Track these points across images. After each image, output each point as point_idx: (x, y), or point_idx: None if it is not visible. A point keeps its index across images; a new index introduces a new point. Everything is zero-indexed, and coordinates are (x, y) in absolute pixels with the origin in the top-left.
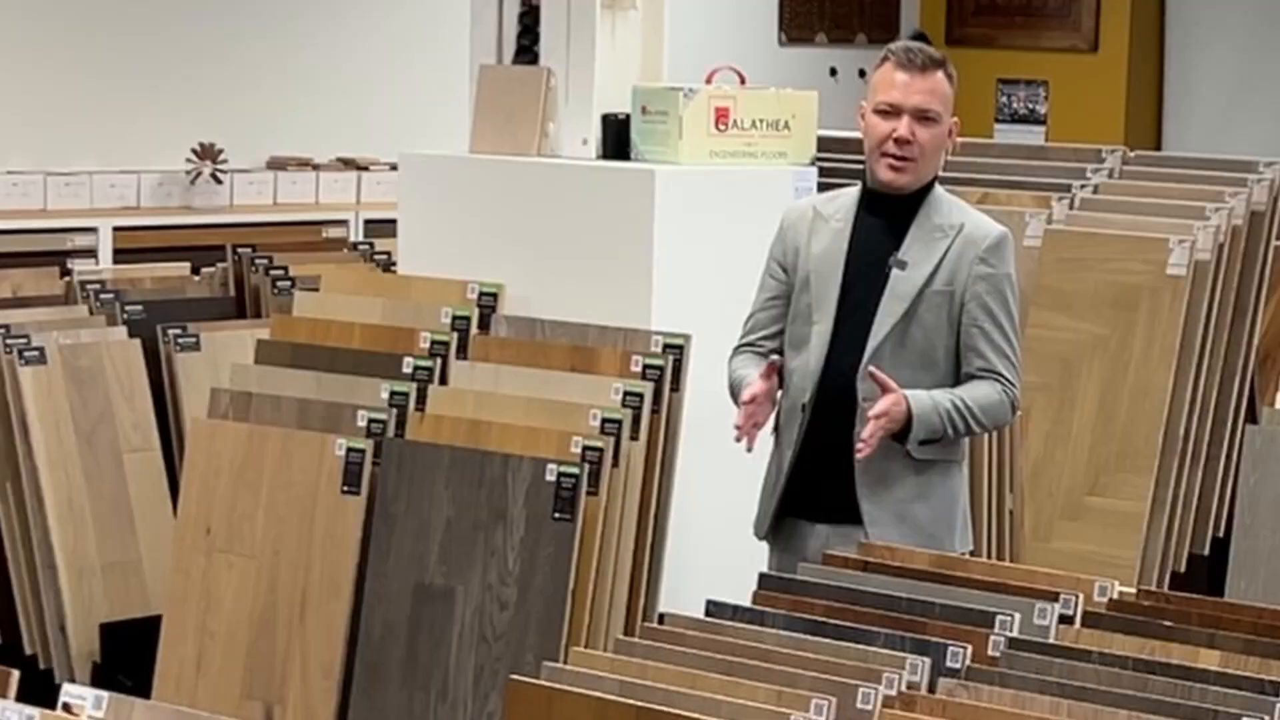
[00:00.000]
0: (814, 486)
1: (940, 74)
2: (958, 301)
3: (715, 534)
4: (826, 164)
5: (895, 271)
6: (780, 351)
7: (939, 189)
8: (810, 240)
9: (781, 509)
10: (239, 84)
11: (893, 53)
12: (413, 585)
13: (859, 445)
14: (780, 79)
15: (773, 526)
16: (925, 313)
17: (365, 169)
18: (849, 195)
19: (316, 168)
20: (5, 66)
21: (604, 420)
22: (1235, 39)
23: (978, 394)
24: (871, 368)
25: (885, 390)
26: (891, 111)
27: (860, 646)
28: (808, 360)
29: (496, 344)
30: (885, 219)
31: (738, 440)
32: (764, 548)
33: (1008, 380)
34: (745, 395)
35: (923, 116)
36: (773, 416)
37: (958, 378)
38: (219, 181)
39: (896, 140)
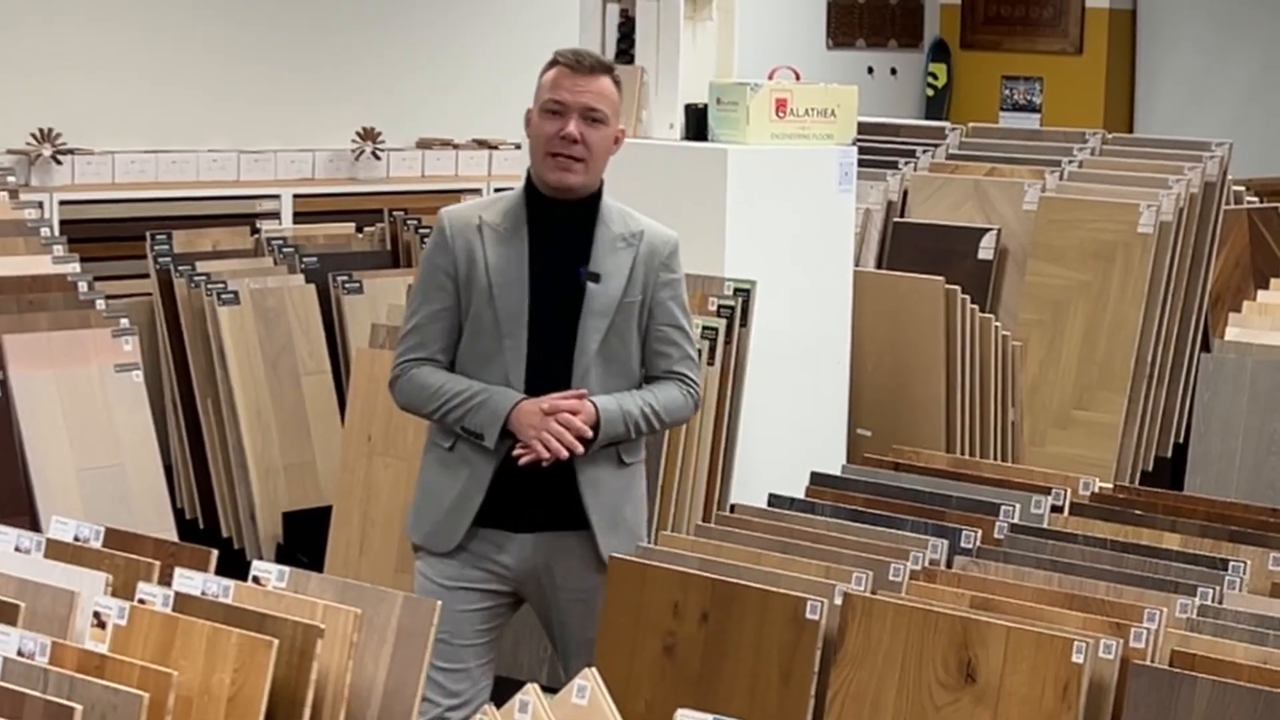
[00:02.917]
0: (521, 499)
1: (608, 78)
2: (646, 309)
3: (776, 440)
4: (864, 144)
5: (590, 285)
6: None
7: (607, 197)
8: (485, 250)
9: (478, 522)
10: (395, 79)
11: (561, 56)
12: None
13: (524, 453)
14: (827, 76)
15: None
16: (622, 324)
17: (496, 148)
18: (511, 201)
19: (456, 147)
20: (206, 66)
21: None
22: (1194, 43)
23: (664, 397)
24: (583, 390)
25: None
26: (559, 111)
27: (892, 530)
28: (504, 377)
29: None
30: (563, 228)
31: (529, 462)
32: (821, 445)
33: (691, 380)
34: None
35: (590, 117)
36: (434, 429)
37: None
38: (378, 158)
39: (564, 138)
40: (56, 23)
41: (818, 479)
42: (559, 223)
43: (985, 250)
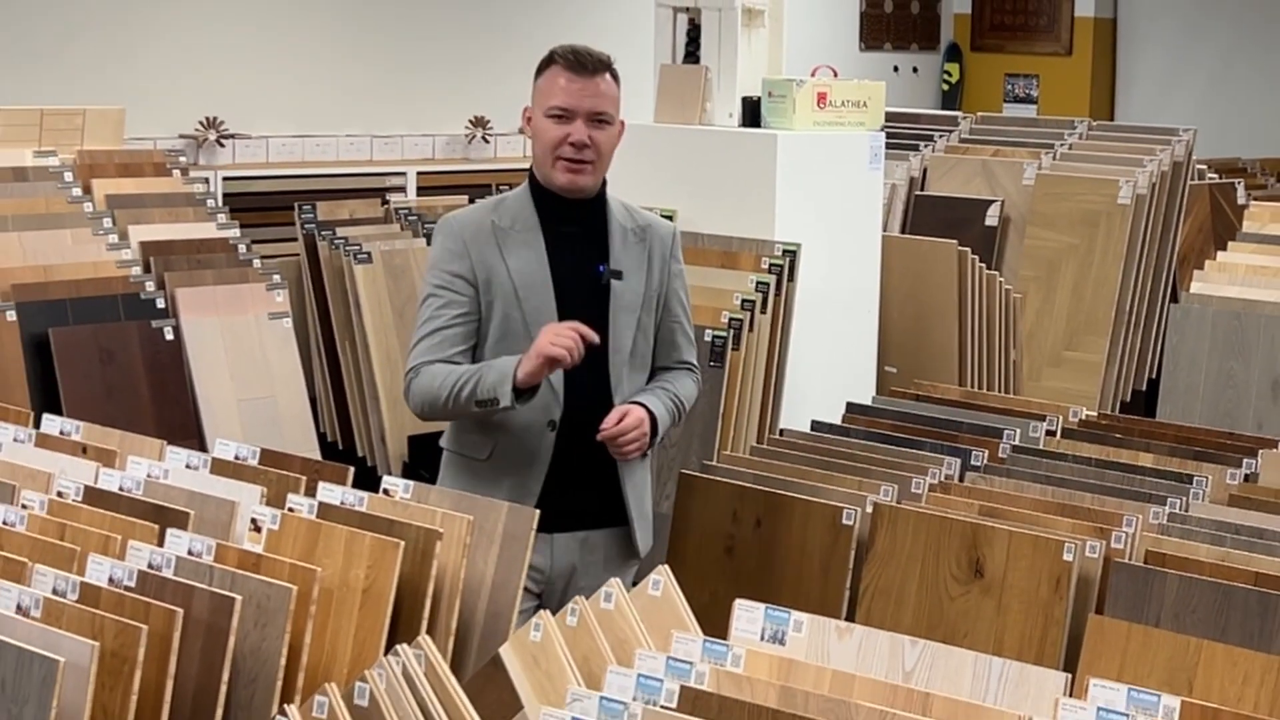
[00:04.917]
0: (566, 500)
1: (609, 76)
2: (661, 301)
3: (818, 376)
4: (891, 130)
5: (614, 283)
6: None
7: (609, 190)
8: (503, 253)
9: None
10: (501, 77)
11: (560, 56)
12: None
13: (625, 448)
14: (860, 73)
15: None
16: (644, 319)
17: None
18: (517, 201)
19: None
20: (345, 65)
21: (743, 301)
22: (1164, 46)
23: (683, 390)
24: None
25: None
26: (565, 116)
27: (914, 451)
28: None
29: None
30: (577, 226)
31: (569, 361)
32: (855, 380)
33: (696, 367)
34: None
35: (596, 119)
36: (459, 440)
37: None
38: (487, 142)
39: (574, 144)
40: (221, 28)
41: (852, 408)
42: (571, 221)
43: (991, 218)
